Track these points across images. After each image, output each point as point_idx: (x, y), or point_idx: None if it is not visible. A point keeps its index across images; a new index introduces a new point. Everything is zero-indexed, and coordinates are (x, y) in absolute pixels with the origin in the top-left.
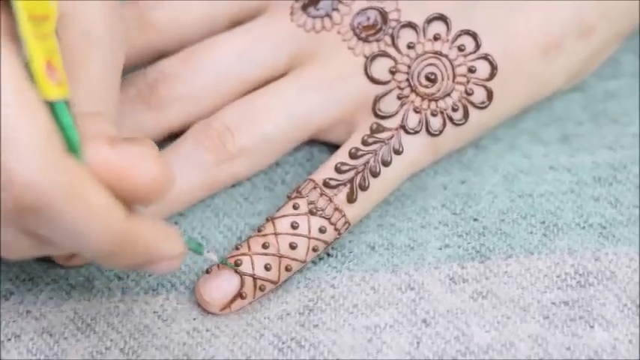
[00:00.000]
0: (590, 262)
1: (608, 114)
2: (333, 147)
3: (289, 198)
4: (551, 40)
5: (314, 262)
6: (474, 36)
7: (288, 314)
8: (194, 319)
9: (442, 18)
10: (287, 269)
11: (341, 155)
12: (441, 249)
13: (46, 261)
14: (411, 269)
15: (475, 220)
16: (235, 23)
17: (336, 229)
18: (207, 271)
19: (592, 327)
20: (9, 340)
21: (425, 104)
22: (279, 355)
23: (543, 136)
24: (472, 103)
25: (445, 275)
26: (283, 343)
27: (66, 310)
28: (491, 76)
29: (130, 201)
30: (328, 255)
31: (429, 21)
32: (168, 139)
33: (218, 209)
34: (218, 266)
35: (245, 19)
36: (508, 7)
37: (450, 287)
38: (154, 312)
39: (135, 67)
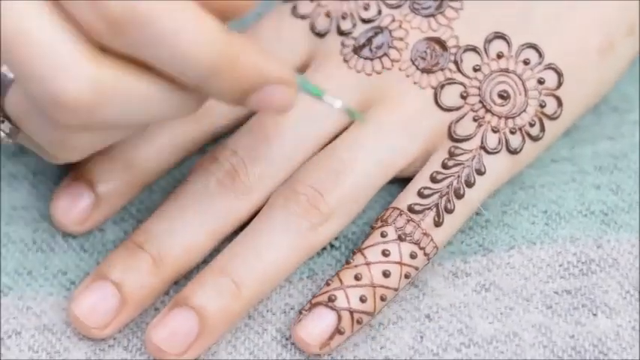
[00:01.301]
0: (592, 249)
1: (608, 101)
2: None
3: (374, 228)
4: (605, 40)
5: (318, 255)
6: (535, 48)
7: (292, 308)
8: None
9: (501, 36)
10: (382, 299)
11: (422, 180)
12: (444, 246)
13: (44, 254)
14: None
15: (477, 213)
16: None
17: (425, 254)
18: (300, 312)
19: (595, 315)
20: (9, 337)
21: (502, 123)
22: (282, 350)
23: None
24: (546, 115)
25: (448, 271)
26: (287, 339)
27: (67, 308)
28: (559, 84)
29: (224, 11)
30: (332, 247)
31: (489, 41)
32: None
33: None
34: (310, 307)
35: None
36: (560, 12)
37: (453, 282)
38: (156, 308)
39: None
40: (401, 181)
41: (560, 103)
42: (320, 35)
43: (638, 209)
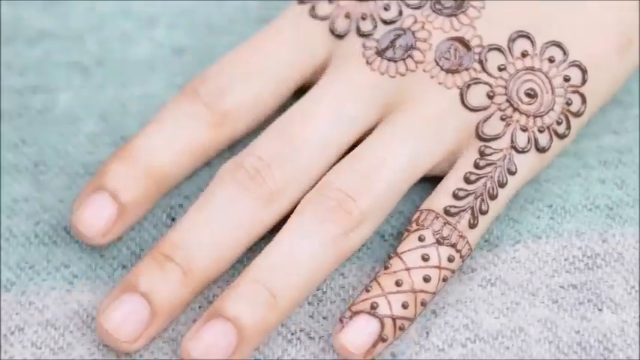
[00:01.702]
0: (597, 243)
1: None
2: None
3: (409, 231)
4: (624, 38)
5: None
6: (559, 45)
7: None
8: (199, 307)
9: (525, 34)
10: (422, 304)
11: (455, 182)
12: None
13: (47, 247)
14: None
15: None
16: (298, 88)
17: (461, 256)
18: (341, 320)
19: (600, 310)
20: (12, 333)
21: (531, 122)
22: (288, 346)
23: None
24: (572, 113)
25: None
26: (292, 334)
27: (70, 302)
28: (584, 81)
29: None
30: None
31: (513, 40)
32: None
33: None
34: (351, 314)
35: (308, 81)
36: (581, 10)
37: (459, 277)
38: None
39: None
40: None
41: (584, 100)
42: (340, 37)
43: None
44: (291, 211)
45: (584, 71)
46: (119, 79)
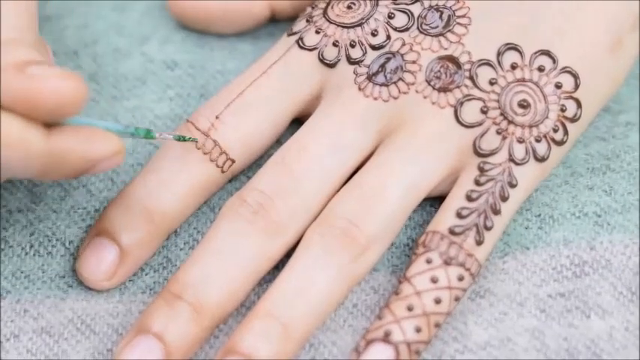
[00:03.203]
0: (585, 251)
1: None
2: None
3: (416, 254)
4: (614, 37)
5: None
6: (547, 53)
7: None
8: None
9: (513, 46)
10: (436, 325)
11: (457, 200)
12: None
13: (42, 257)
14: None
15: None
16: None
17: (471, 274)
18: (357, 350)
19: (588, 317)
20: (7, 340)
21: (527, 132)
22: None
23: None
24: (568, 118)
25: None
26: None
27: (64, 309)
28: (576, 86)
29: (48, 118)
30: None
31: (501, 53)
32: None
33: (214, 204)
34: (365, 343)
35: (303, 112)
36: (568, 14)
37: None
38: None
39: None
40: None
41: (579, 105)
42: (330, 65)
43: (631, 210)
44: (297, 242)
45: (575, 76)
46: (111, 93)
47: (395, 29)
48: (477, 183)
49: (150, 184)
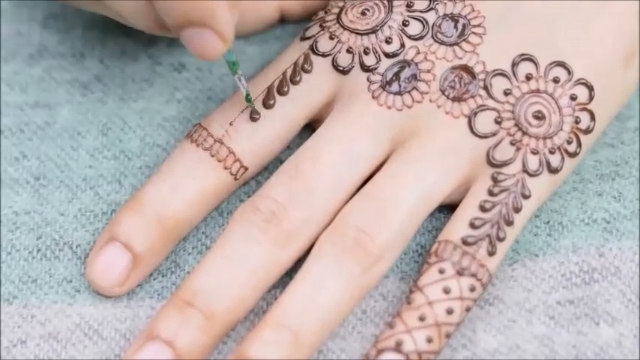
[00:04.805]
0: (594, 258)
1: None
2: None
3: (428, 264)
4: (627, 49)
5: None
6: (563, 65)
7: None
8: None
9: (528, 57)
10: (447, 335)
11: (471, 210)
12: None
13: (49, 261)
14: None
15: None
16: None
17: (482, 285)
18: (368, 359)
19: (597, 324)
20: (15, 346)
21: (541, 144)
22: None
23: None
24: (581, 130)
25: None
26: None
27: (71, 314)
28: (591, 98)
29: None
30: None
31: (516, 63)
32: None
33: (222, 208)
34: (377, 352)
35: (316, 117)
36: (582, 26)
37: None
38: None
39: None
40: None
41: (593, 117)
42: (344, 72)
43: None
44: (309, 250)
45: (590, 88)
46: (119, 94)
47: (409, 37)
48: (491, 193)
49: (162, 190)
